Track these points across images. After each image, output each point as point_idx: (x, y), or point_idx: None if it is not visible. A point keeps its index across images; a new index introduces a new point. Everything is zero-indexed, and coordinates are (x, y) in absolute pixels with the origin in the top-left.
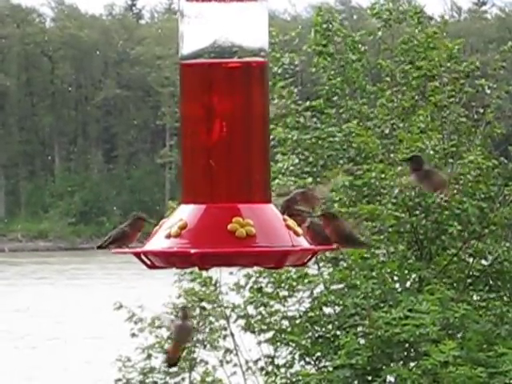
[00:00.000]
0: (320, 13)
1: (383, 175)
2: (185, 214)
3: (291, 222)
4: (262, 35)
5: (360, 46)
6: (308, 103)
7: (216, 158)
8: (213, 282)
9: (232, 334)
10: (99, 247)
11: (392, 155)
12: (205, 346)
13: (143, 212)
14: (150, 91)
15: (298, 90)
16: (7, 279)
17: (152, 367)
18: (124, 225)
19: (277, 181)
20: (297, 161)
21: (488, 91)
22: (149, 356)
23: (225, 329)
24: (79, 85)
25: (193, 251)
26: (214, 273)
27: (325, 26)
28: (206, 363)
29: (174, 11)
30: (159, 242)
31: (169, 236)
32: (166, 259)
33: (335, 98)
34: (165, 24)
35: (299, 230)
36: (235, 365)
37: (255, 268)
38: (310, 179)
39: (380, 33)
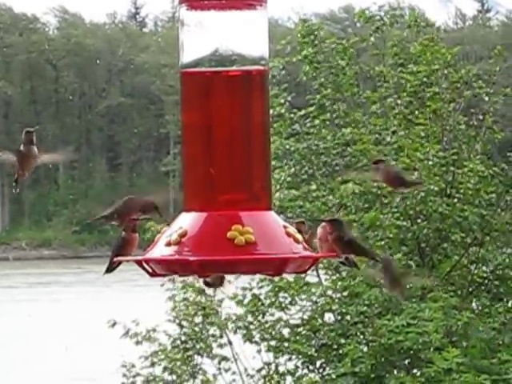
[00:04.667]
0: (305, 25)
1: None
2: (185, 221)
3: (291, 230)
4: (262, 43)
5: (351, 50)
6: (303, 111)
7: (216, 166)
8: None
9: (230, 343)
10: (107, 271)
11: (393, 163)
12: (202, 356)
13: (147, 220)
14: (153, 99)
15: (301, 97)
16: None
17: (155, 375)
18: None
19: (277, 194)
20: (293, 170)
21: (486, 98)
22: (152, 364)
23: (221, 337)
24: (83, 93)
25: (192, 259)
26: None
27: (312, 36)
28: (205, 372)
29: (178, 19)
30: (160, 249)
31: (169, 244)
32: (167, 267)
33: (328, 104)
34: (168, 32)
35: (299, 237)
36: (234, 373)
37: (256, 278)
38: (313, 186)
39: (372, 38)
